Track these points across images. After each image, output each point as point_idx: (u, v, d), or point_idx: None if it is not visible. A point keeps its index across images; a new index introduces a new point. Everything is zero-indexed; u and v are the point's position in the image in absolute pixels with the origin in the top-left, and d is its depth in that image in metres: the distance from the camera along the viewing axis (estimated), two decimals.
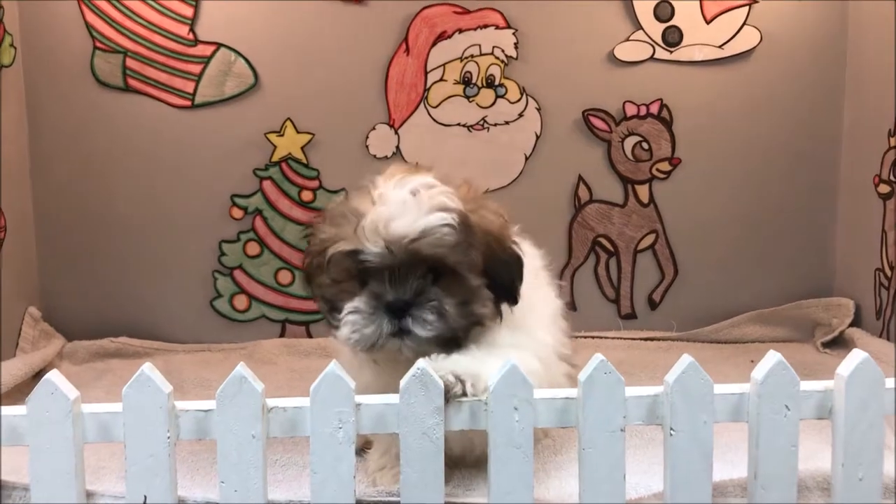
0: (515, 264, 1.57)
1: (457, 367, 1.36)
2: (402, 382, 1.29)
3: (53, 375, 1.27)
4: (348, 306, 1.49)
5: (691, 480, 1.33)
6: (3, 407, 1.30)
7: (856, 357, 1.33)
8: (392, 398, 1.30)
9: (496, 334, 1.55)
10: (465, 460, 1.63)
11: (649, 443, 1.77)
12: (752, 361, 2.45)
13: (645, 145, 2.76)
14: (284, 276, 2.76)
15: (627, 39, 2.72)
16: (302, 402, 1.30)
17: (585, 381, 1.30)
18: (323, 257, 1.51)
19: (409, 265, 1.46)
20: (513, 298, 1.56)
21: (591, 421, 1.31)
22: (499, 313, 1.56)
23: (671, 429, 1.32)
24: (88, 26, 2.63)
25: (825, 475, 1.48)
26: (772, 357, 1.33)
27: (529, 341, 1.58)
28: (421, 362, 1.29)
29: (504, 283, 1.55)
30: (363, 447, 1.69)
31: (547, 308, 1.71)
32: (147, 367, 1.27)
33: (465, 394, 1.32)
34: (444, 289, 1.48)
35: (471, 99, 2.72)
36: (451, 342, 1.49)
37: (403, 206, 1.46)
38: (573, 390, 1.33)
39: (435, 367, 1.32)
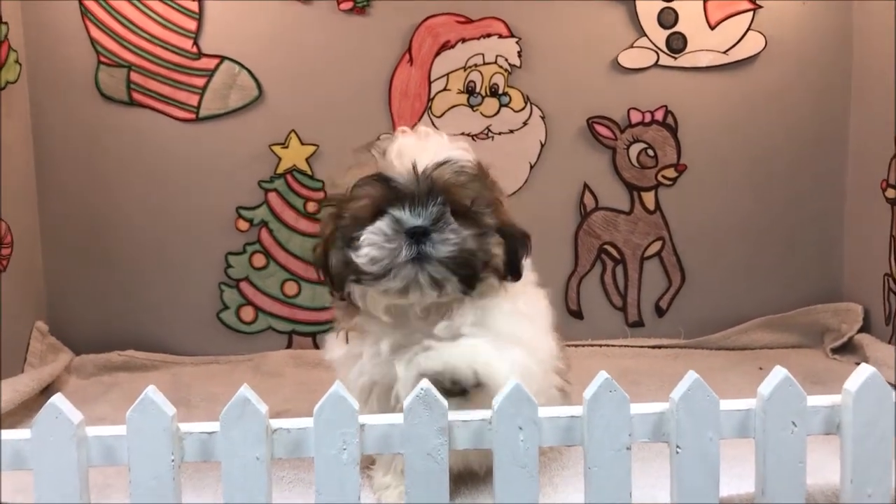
0: (522, 240, 1.63)
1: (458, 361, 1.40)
2: (406, 402, 1.29)
3: (57, 399, 1.27)
4: (369, 228, 1.51)
5: (698, 498, 1.32)
6: (7, 431, 1.30)
7: (863, 372, 1.32)
8: (396, 418, 1.30)
9: (499, 319, 1.57)
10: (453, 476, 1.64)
11: (657, 455, 1.75)
12: (761, 369, 2.46)
13: (650, 152, 2.75)
14: (291, 288, 2.76)
15: (631, 46, 2.71)
16: (306, 422, 1.30)
17: (591, 399, 1.30)
18: (345, 192, 1.55)
19: (430, 194, 1.50)
20: (516, 271, 1.61)
21: (596, 439, 1.30)
22: (508, 270, 1.60)
23: (677, 446, 1.31)
24: (92, 41, 2.64)
25: (834, 489, 1.47)
26: (778, 373, 1.32)
27: (531, 333, 1.61)
28: (424, 383, 1.29)
29: (510, 251, 1.59)
30: (368, 465, 1.69)
31: (546, 317, 1.70)
32: (151, 391, 1.27)
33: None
34: (462, 223, 1.53)
35: (475, 108, 2.71)
36: (466, 279, 1.53)
37: (428, 138, 1.57)
38: (578, 408, 1.33)
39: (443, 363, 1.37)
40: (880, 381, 1.31)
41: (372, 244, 1.50)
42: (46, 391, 2.33)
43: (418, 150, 1.53)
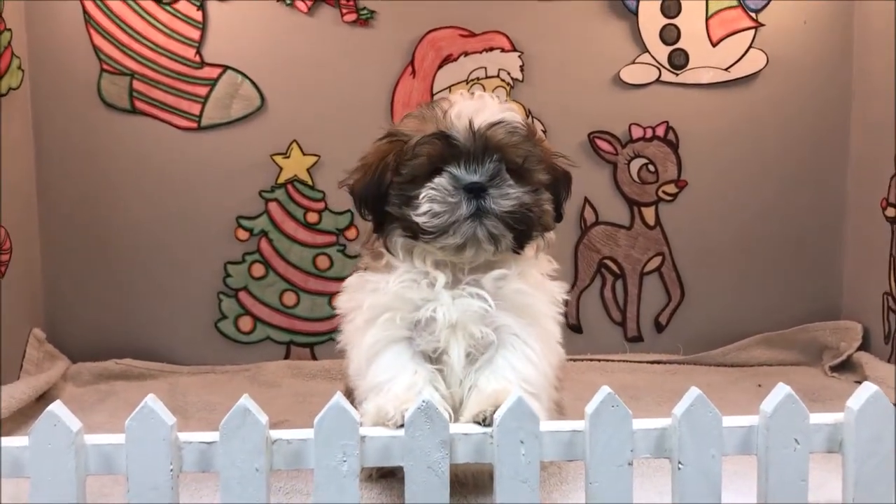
0: (564, 179, 1.70)
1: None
2: (408, 415, 1.28)
3: (56, 407, 1.26)
4: (428, 186, 1.56)
5: None
6: (4, 438, 1.29)
7: (866, 390, 1.31)
8: (397, 431, 1.29)
9: (537, 299, 1.63)
10: None
11: (656, 471, 1.75)
12: (760, 386, 2.45)
13: (651, 167, 2.75)
14: (289, 298, 2.75)
15: (633, 62, 2.72)
16: (306, 434, 1.29)
17: (592, 415, 1.29)
18: (403, 149, 1.59)
19: (486, 151, 1.56)
20: (557, 214, 1.69)
21: (598, 454, 1.29)
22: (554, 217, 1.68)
23: (679, 462, 1.30)
24: (95, 49, 2.64)
25: None
26: (781, 390, 1.31)
27: (555, 328, 1.66)
28: (427, 393, 1.28)
29: (555, 194, 1.66)
30: (366, 477, 1.68)
31: (558, 328, 1.70)
32: (150, 399, 1.26)
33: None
34: (515, 180, 1.59)
35: None
36: (520, 236, 1.58)
37: (484, 101, 1.62)
38: (580, 423, 1.32)
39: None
40: (883, 399, 1.31)
41: (432, 200, 1.55)
42: (42, 399, 2.31)
43: (476, 111, 1.58)
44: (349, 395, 1.64)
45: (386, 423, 1.38)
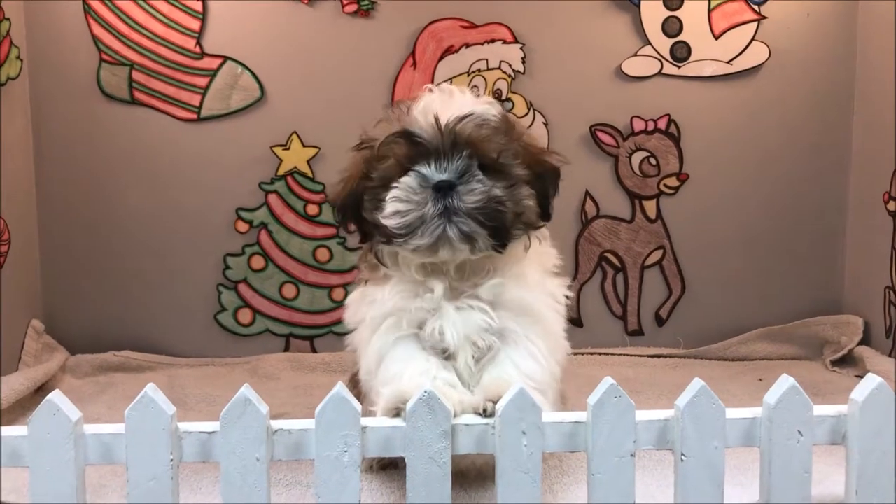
0: (552, 174, 1.62)
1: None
2: (409, 405, 1.27)
3: (56, 396, 1.26)
4: (395, 185, 1.50)
5: None
6: (3, 427, 1.28)
7: (870, 382, 1.30)
8: (398, 421, 1.28)
9: (538, 301, 1.59)
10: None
11: (658, 464, 1.75)
12: (761, 380, 2.45)
13: (653, 160, 2.74)
14: (289, 290, 2.74)
15: (635, 54, 2.70)
16: (307, 424, 1.28)
17: (595, 405, 1.28)
18: (372, 152, 1.55)
19: (454, 147, 1.49)
20: (545, 213, 1.61)
21: (600, 446, 1.28)
22: (541, 216, 1.59)
23: (682, 454, 1.30)
24: (95, 39, 2.62)
25: (839, 500, 1.45)
26: (784, 381, 1.30)
27: (559, 324, 1.62)
28: (429, 386, 1.28)
29: (539, 194, 1.58)
30: (366, 468, 1.68)
31: (562, 324, 1.68)
32: (150, 389, 1.25)
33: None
34: (491, 176, 1.51)
35: None
36: (497, 233, 1.51)
37: (452, 95, 1.55)
38: (582, 414, 1.31)
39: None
40: (887, 391, 1.30)
41: (398, 200, 1.49)
42: (41, 390, 2.31)
43: (442, 106, 1.52)
44: (358, 395, 1.62)
45: (402, 405, 1.33)
